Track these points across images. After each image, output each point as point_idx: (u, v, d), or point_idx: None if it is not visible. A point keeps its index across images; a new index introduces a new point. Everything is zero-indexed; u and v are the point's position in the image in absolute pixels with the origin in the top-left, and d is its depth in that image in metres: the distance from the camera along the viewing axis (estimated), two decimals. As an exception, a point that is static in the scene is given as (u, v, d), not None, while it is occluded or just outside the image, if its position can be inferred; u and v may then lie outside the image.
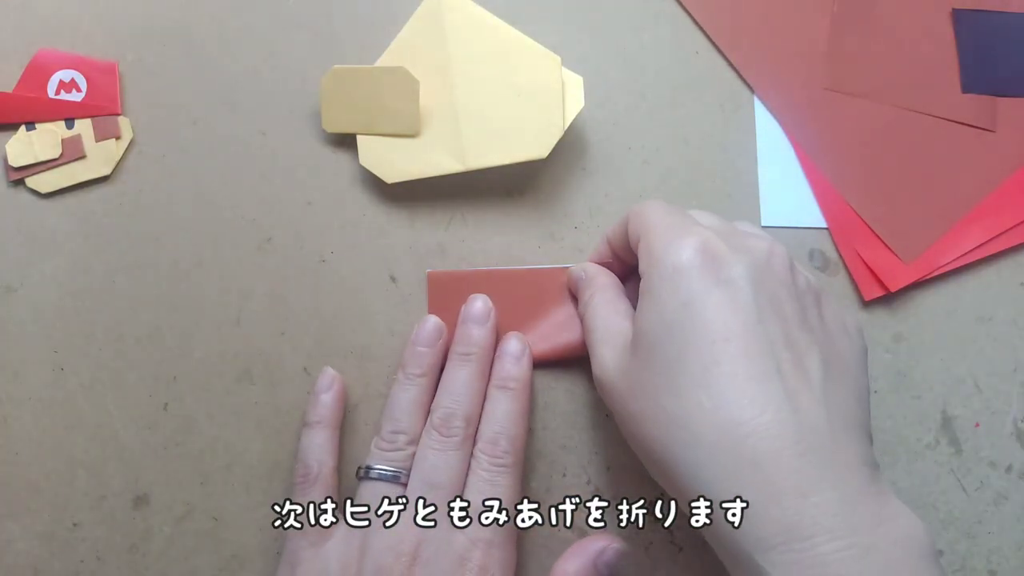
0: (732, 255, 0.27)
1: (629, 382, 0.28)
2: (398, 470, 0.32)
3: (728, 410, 0.25)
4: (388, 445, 0.32)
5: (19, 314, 0.36)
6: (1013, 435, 0.36)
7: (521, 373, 0.33)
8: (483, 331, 0.34)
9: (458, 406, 0.32)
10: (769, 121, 0.38)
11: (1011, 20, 0.39)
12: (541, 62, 0.35)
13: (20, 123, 0.37)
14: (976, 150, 0.38)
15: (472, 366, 0.33)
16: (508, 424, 0.32)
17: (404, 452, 0.32)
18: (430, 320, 0.34)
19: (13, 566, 0.34)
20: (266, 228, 0.37)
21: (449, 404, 0.32)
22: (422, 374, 0.33)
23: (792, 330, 0.27)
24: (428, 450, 0.32)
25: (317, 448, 0.33)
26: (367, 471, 0.32)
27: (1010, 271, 0.37)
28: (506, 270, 0.36)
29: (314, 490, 0.32)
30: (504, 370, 0.33)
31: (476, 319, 0.34)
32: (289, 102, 0.38)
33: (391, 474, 0.32)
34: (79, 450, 0.35)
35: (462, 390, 0.33)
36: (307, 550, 0.31)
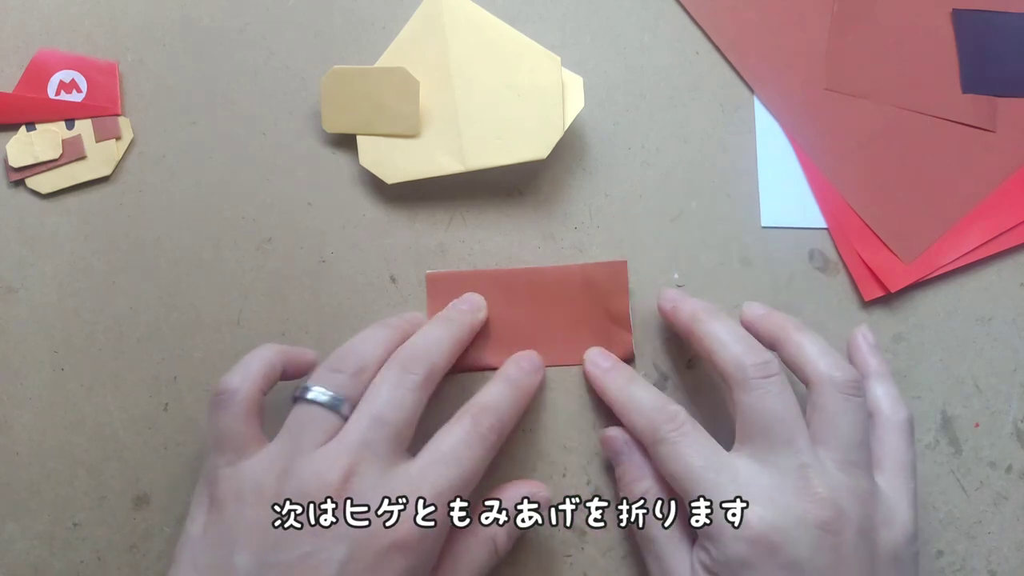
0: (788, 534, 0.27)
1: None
2: (337, 396, 0.29)
3: None
4: (336, 364, 0.30)
5: (19, 314, 0.36)
6: (1013, 435, 0.36)
7: (525, 378, 0.33)
8: (472, 312, 0.34)
9: (428, 350, 0.31)
10: (769, 121, 0.38)
11: (1011, 20, 0.39)
12: (541, 62, 0.35)
13: (20, 123, 0.37)
14: (976, 150, 0.38)
15: (451, 327, 0.32)
16: (501, 402, 0.31)
17: (347, 376, 0.30)
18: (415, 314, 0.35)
19: (13, 566, 0.34)
20: (266, 228, 0.37)
21: (420, 344, 0.31)
22: (394, 326, 0.32)
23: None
24: (383, 383, 0.29)
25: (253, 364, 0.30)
26: (303, 391, 0.29)
27: (1010, 271, 0.37)
28: (505, 270, 0.36)
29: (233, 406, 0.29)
30: (510, 369, 0.33)
31: (470, 304, 0.35)
32: (289, 102, 0.38)
33: (328, 399, 0.29)
34: (79, 450, 0.35)
35: (434, 339, 0.31)
36: (224, 468, 0.29)
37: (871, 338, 0.34)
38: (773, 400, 0.29)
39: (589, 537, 0.34)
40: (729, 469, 0.29)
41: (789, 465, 0.28)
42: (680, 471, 0.29)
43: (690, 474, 0.29)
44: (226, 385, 0.30)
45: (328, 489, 0.27)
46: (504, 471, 0.35)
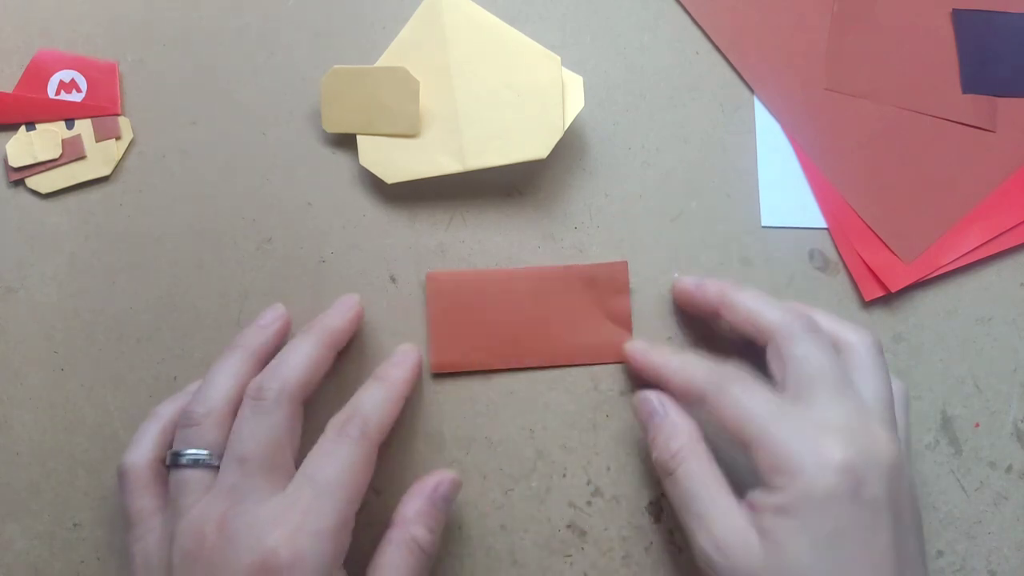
0: (869, 472, 0.27)
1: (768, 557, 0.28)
2: (200, 451, 0.29)
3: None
4: (187, 420, 0.30)
5: (19, 314, 0.36)
6: (1013, 435, 0.36)
7: (396, 373, 0.32)
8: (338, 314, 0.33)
9: (278, 371, 0.30)
10: (769, 121, 0.38)
11: (1011, 20, 0.39)
12: (541, 62, 0.35)
13: (20, 123, 0.37)
14: (976, 150, 0.38)
15: (310, 337, 0.31)
16: (366, 404, 0.30)
17: (203, 427, 0.29)
18: (275, 306, 0.34)
19: (13, 566, 0.34)
20: (266, 228, 0.37)
21: (269, 370, 0.30)
22: (242, 345, 0.32)
23: (911, 542, 0.28)
24: (240, 421, 0.29)
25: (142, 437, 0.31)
26: (173, 458, 0.29)
27: (1010, 271, 0.37)
28: (505, 270, 0.36)
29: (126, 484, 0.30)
30: (381, 368, 0.33)
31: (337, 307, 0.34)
32: (289, 102, 0.38)
33: (192, 457, 0.29)
34: (79, 450, 0.35)
35: (287, 357, 0.30)
36: (133, 545, 0.30)
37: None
38: (822, 351, 0.30)
39: (589, 537, 0.34)
40: (794, 413, 0.29)
41: (850, 408, 0.29)
42: (743, 416, 0.29)
43: (756, 418, 0.29)
44: (120, 465, 0.31)
45: (206, 541, 0.27)
46: (504, 471, 0.35)
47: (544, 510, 0.35)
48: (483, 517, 0.35)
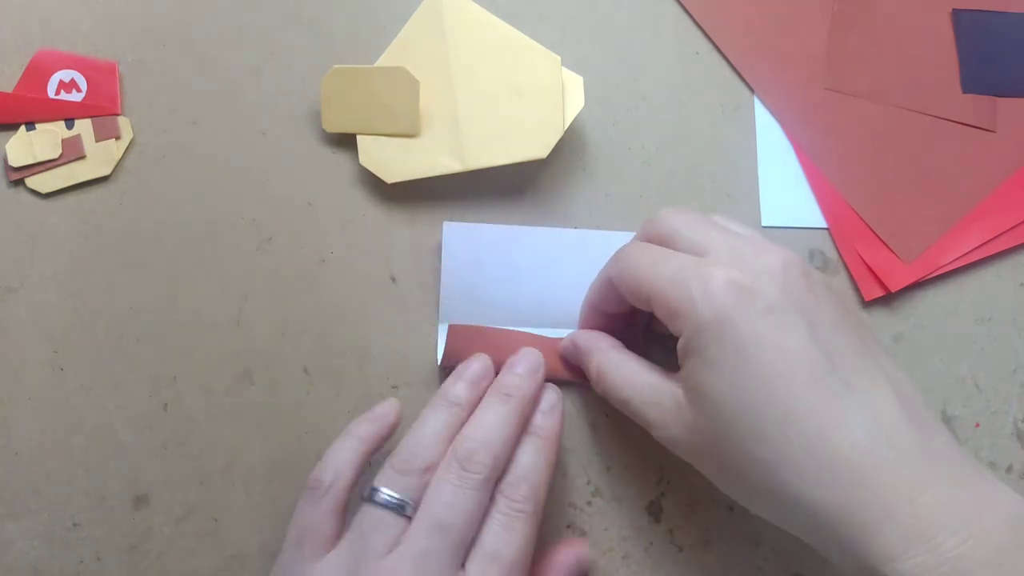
0: (758, 280, 0.27)
1: (702, 436, 0.28)
2: (404, 500, 0.29)
3: (819, 441, 0.25)
4: (403, 466, 0.30)
5: (19, 314, 0.36)
6: (1013, 435, 0.36)
7: (551, 424, 0.32)
8: (531, 379, 0.32)
9: (488, 441, 0.29)
10: (769, 121, 0.38)
11: (1011, 20, 0.39)
12: (541, 62, 0.35)
13: (20, 123, 0.37)
14: (976, 150, 0.38)
15: (510, 406, 0.31)
16: (532, 470, 0.30)
17: (417, 479, 0.29)
18: (481, 358, 0.33)
19: (13, 566, 0.34)
20: (266, 228, 0.37)
21: (478, 437, 0.30)
22: (458, 403, 0.31)
23: (838, 334, 0.27)
24: (444, 483, 0.29)
25: (343, 458, 0.31)
26: (374, 493, 0.29)
27: (1010, 271, 0.37)
28: (526, 333, 0.35)
29: (324, 501, 0.30)
30: (535, 418, 0.32)
31: (526, 366, 0.32)
32: (289, 102, 0.38)
33: (397, 502, 0.29)
34: (79, 450, 0.35)
35: (494, 427, 0.30)
36: (298, 565, 0.29)
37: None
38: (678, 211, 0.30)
39: (589, 537, 0.34)
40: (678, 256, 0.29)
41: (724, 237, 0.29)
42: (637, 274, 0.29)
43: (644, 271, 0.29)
44: (317, 479, 0.30)
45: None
46: (504, 471, 0.35)
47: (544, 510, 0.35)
48: (483, 517, 0.35)
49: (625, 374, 0.31)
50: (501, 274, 0.35)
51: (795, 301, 0.26)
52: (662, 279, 0.28)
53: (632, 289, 0.30)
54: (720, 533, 0.34)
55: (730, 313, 0.26)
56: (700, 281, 0.27)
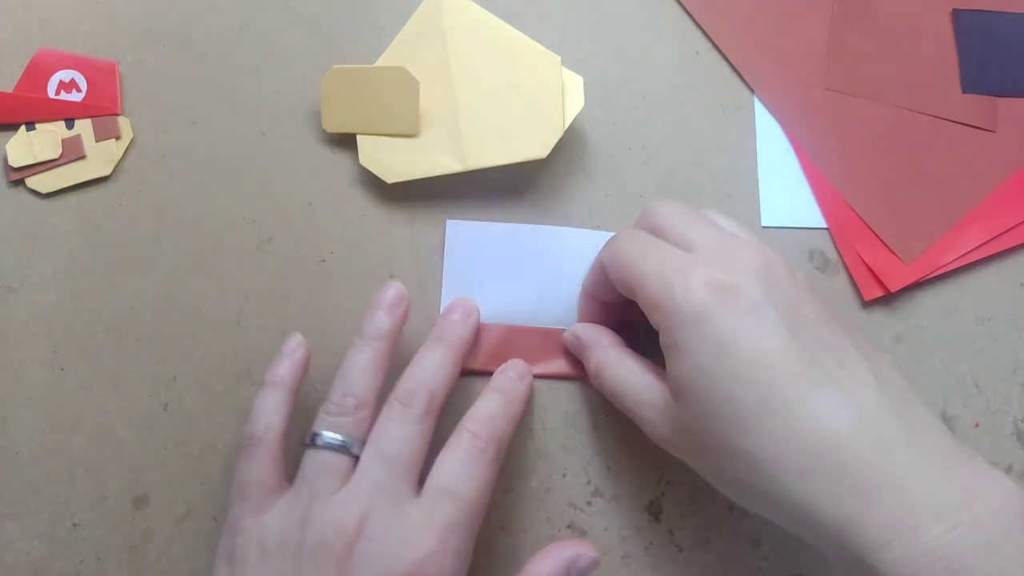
0: (740, 279, 0.27)
1: (689, 434, 0.28)
2: (347, 439, 0.30)
3: (802, 434, 0.25)
4: (336, 408, 0.30)
5: (19, 314, 0.36)
6: (1013, 435, 0.36)
7: (518, 387, 0.33)
8: (465, 323, 0.34)
9: (424, 380, 0.31)
10: (769, 121, 0.38)
11: (1011, 20, 0.39)
12: (541, 62, 0.35)
13: (20, 123, 0.37)
14: (976, 150, 0.38)
15: (446, 348, 0.32)
16: (495, 416, 0.31)
17: (352, 417, 0.30)
18: (393, 285, 0.33)
19: (13, 566, 0.34)
20: (266, 228, 0.37)
21: (416, 375, 0.31)
22: (378, 337, 0.32)
23: (820, 332, 0.27)
24: (387, 421, 0.30)
25: (269, 409, 0.31)
26: (313, 438, 0.30)
27: (1010, 271, 0.37)
28: (525, 328, 0.35)
29: (260, 454, 0.30)
30: (503, 379, 0.33)
31: (461, 311, 0.34)
32: (289, 102, 0.38)
33: (339, 443, 0.30)
34: (79, 450, 0.35)
35: (430, 366, 0.31)
36: (247, 518, 0.30)
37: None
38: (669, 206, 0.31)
39: (589, 537, 0.34)
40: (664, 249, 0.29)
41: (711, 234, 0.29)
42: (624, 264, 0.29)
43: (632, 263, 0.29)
44: (251, 434, 0.31)
45: (345, 535, 0.28)
46: (505, 470, 0.35)
47: (544, 510, 0.35)
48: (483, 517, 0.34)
49: (622, 372, 0.31)
50: (503, 271, 0.35)
51: (776, 300, 0.27)
52: (647, 271, 0.28)
53: (619, 278, 0.30)
54: (720, 533, 0.34)
55: (709, 310, 0.26)
56: (681, 278, 0.27)
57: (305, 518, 0.29)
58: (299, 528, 0.29)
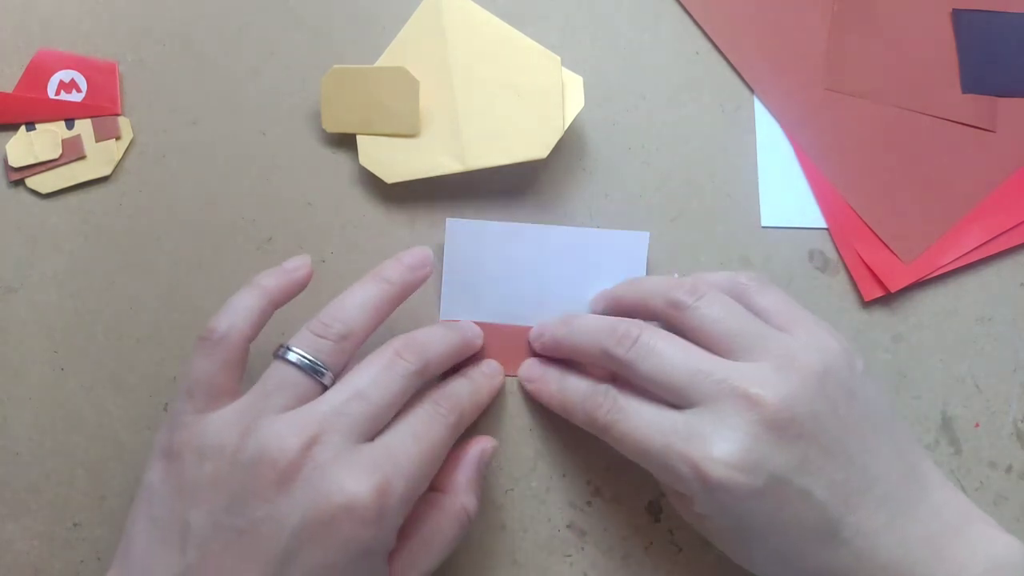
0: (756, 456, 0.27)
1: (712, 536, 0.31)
2: (319, 363, 0.28)
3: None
4: (320, 329, 0.29)
5: (19, 314, 0.36)
6: (1013, 435, 0.36)
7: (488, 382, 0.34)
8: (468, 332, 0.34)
9: (426, 343, 0.30)
10: (769, 121, 0.38)
11: (1011, 20, 0.39)
12: (541, 62, 0.35)
13: (20, 123, 0.37)
14: (976, 150, 0.38)
15: (457, 334, 0.32)
16: (460, 393, 0.31)
17: (332, 344, 0.29)
18: (422, 249, 0.32)
19: (13, 566, 0.34)
20: (266, 228, 0.37)
21: (418, 337, 0.30)
22: (389, 281, 0.31)
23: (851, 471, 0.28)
24: (373, 364, 0.29)
25: (240, 311, 0.29)
26: (285, 351, 0.29)
27: (1010, 271, 0.37)
28: (522, 327, 0.35)
29: (216, 353, 0.29)
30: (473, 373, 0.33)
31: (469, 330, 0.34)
32: (289, 102, 0.38)
33: (309, 363, 0.28)
34: (79, 450, 0.35)
35: (435, 334, 0.31)
36: (190, 415, 0.28)
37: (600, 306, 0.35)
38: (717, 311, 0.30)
39: (589, 537, 0.34)
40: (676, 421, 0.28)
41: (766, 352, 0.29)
42: (634, 442, 0.29)
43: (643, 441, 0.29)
44: (211, 328, 0.29)
45: (288, 454, 0.26)
46: (505, 470, 0.35)
47: (544, 510, 0.35)
48: (483, 517, 0.35)
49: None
50: (503, 271, 0.35)
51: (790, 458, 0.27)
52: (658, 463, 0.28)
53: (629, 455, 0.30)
54: (720, 533, 0.34)
55: (732, 502, 0.27)
56: (697, 478, 0.27)
57: (250, 428, 0.27)
58: (242, 435, 0.27)
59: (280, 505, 0.26)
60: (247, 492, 0.26)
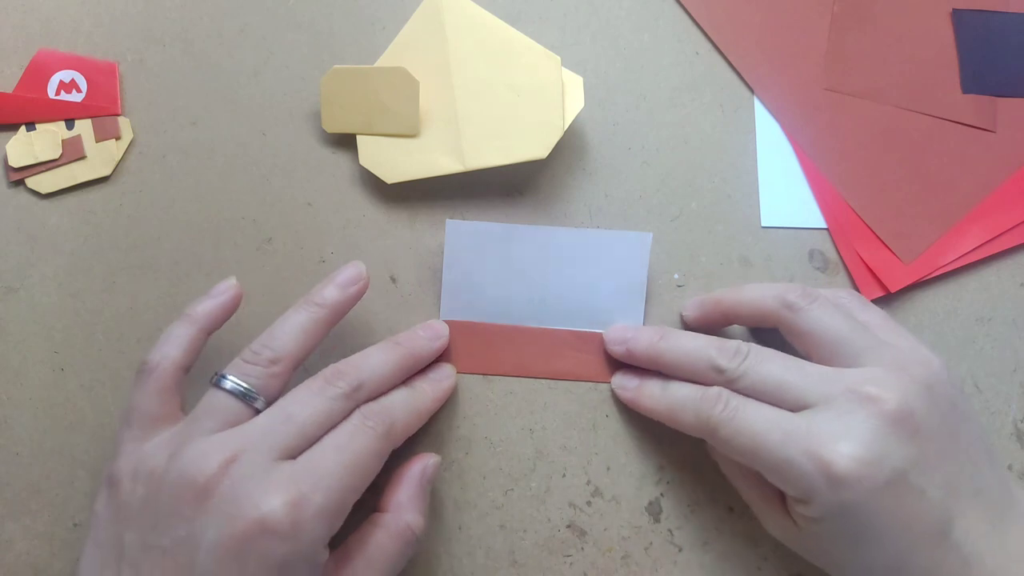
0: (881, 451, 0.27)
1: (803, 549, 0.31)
2: (250, 388, 0.29)
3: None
4: (251, 356, 0.30)
5: (19, 314, 0.36)
6: (1013, 435, 0.36)
7: (431, 388, 0.33)
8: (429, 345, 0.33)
9: (360, 368, 0.30)
10: (769, 121, 0.38)
11: (1011, 20, 0.39)
12: (541, 62, 0.35)
13: (20, 123, 0.37)
14: (976, 150, 0.38)
15: (398, 353, 0.32)
16: (394, 403, 0.31)
17: (263, 369, 0.29)
18: (354, 264, 0.32)
19: (13, 566, 0.34)
20: (266, 228, 0.37)
21: (354, 362, 0.30)
22: (321, 304, 0.31)
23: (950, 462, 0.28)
24: (302, 388, 0.29)
25: (172, 340, 0.30)
26: (219, 380, 0.29)
27: (1010, 271, 0.37)
28: (520, 328, 0.35)
29: (149, 382, 0.30)
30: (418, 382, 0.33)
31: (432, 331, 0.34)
32: (289, 102, 0.38)
33: (241, 390, 0.29)
34: (79, 450, 0.35)
35: (375, 360, 0.31)
36: (129, 444, 0.29)
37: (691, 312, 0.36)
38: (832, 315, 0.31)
39: (589, 537, 0.34)
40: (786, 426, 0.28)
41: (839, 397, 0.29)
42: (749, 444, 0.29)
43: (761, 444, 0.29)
44: (145, 360, 0.30)
45: (207, 472, 0.27)
46: (505, 470, 0.35)
47: (544, 510, 0.35)
48: (483, 517, 0.35)
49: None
50: (502, 271, 0.35)
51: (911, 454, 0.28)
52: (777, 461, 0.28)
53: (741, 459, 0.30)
54: (720, 533, 0.34)
55: (857, 498, 0.27)
56: (820, 472, 0.27)
57: (177, 450, 0.28)
58: (169, 457, 0.28)
59: (197, 523, 0.26)
60: (170, 511, 0.27)
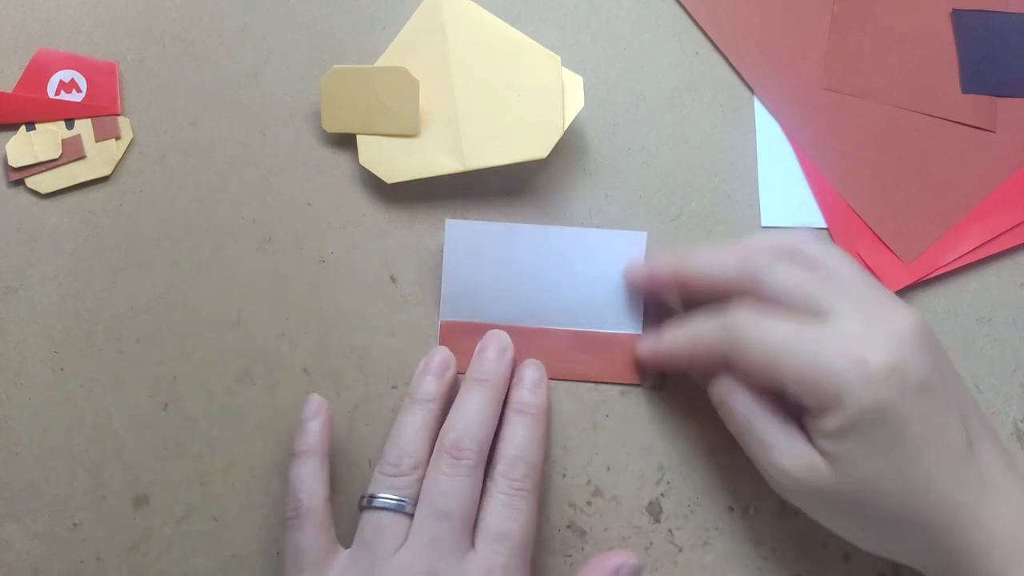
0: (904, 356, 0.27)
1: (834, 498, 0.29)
2: (403, 499, 0.30)
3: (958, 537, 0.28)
4: (392, 469, 0.31)
5: (19, 314, 0.36)
6: (1013, 435, 0.36)
7: (538, 401, 0.33)
8: (501, 361, 0.33)
9: (470, 429, 0.31)
10: (769, 121, 0.38)
11: (1011, 20, 0.39)
12: (541, 62, 0.35)
13: (20, 123, 0.37)
14: (976, 150, 0.38)
15: (487, 391, 0.32)
16: (527, 448, 0.31)
17: (409, 478, 0.31)
18: (440, 350, 0.34)
19: (13, 566, 0.34)
20: (266, 228, 0.37)
21: (461, 426, 0.31)
22: (429, 399, 0.32)
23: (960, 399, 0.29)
24: (438, 475, 0.30)
25: (307, 478, 0.31)
26: (370, 500, 0.30)
27: (1010, 271, 0.37)
28: (521, 327, 0.35)
29: (307, 523, 0.31)
30: (521, 396, 0.33)
31: (495, 348, 0.34)
32: (289, 102, 0.38)
33: (395, 503, 0.30)
34: (79, 450, 0.35)
35: (475, 414, 0.31)
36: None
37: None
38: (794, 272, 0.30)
39: (589, 537, 0.34)
40: (813, 332, 0.28)
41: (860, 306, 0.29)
42: (769, 353, 0.29)
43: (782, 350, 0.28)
44: (294, 507, 0.31)
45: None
46: (504, 471, 0.35)
47: (544, 510, 0.35)
48: (483, 517, 0.35)
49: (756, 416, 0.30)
50: (502, 271, 0.35)
51: (933, 369, 0.28)
52: (805, 364, 0.28)
53: (764, 371, 0.29)
54: (720, 533, 0.34)
55: (892, 397, 0.27)
56: (855, 366, 0.27)
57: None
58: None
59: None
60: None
